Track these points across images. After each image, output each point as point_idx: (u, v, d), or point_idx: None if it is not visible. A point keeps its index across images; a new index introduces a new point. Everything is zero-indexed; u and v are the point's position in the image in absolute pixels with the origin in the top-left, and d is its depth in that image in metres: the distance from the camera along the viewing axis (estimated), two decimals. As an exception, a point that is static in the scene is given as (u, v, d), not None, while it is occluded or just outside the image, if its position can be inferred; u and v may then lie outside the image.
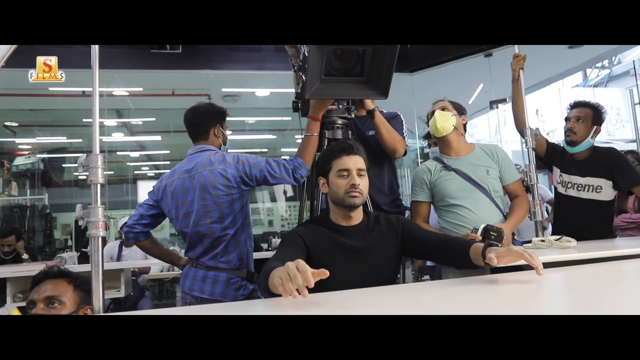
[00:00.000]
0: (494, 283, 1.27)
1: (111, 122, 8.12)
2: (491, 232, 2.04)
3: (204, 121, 2.21)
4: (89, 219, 1.36)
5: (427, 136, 3.36)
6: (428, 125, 2.42)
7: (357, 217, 1.69)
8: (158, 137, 9.25)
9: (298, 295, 1.06)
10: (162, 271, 5.17)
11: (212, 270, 2.05)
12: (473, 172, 2.29)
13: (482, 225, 2.05)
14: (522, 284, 1.26)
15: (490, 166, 2.30)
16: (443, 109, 2.35)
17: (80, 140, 8.92)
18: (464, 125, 2.42)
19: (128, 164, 9.42)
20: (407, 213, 2.48)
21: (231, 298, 2.02)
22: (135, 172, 9.76)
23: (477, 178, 2.28)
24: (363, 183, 1.64)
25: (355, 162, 1.64)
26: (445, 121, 2.32)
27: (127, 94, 7.02)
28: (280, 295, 1.14)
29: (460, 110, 2.39)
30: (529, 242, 2.14)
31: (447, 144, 2.37)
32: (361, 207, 1.69)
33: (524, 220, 2.29)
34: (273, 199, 9.72)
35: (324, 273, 1.09)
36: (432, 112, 2.37)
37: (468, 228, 2.18)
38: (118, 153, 9.29)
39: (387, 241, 1.67)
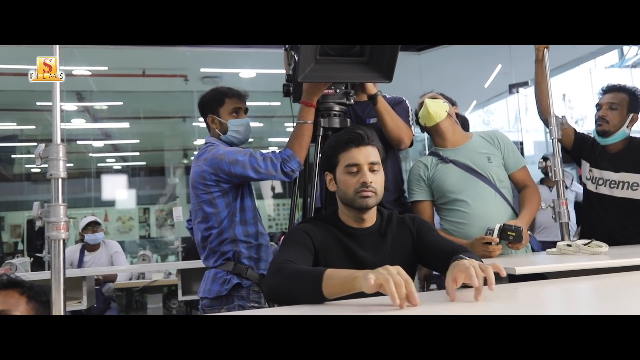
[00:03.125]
0: (512, 293, 1.29)
1: (70, 106, 8.09)
2: (509, 233, 2.08)
3: (201, 113, 2.33)
4: (48, 219, 1.36)
5: None
6: (417, 123, 2.45)
7: (370, 218, 1.66)
8: (126, 124, 9.23)
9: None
10: (130, 279, 5.17)
11: (207, 269, 2.24)
12: (473, 161, 2.34)
13: (498, 225, 2.09)
14: (546, 295, 1.28)
15: (491, 153, 2.34)
16: (434, 97, 2.42)
17: (34, 127, 8.88)
18: (457, 115, 2.50)
19: (90, 155, 9.38)
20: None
21: (215, 294, 2.13)
22: (99, 164, 9.73)
23: (477, 167, 2.32)
24: (377, 179, 1.60)
25: (367, 154, 1.60)
26: (437, 106, 2.37)
27: (90, 73, 6.99)
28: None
29: (451, 101, 2.47)
30: (554, 244, 2.16)
31: (440, 134, 2.42)
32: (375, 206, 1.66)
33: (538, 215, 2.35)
34: (259, 196, 9.75)
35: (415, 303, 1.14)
36: (421, 104, 2.42)
37: (473, 226, 2.23)
38: (79, 142, 9.26)
39: (401, 247, 1.66)
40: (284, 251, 1.51)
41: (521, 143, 8.51)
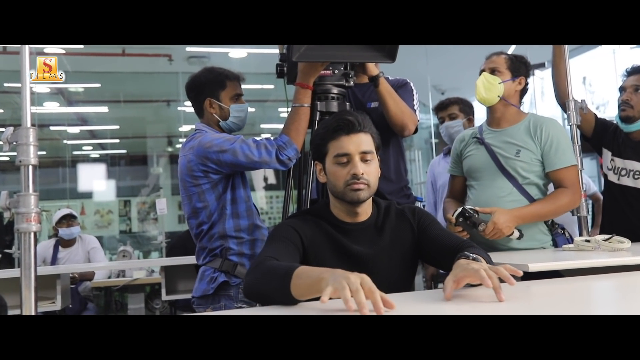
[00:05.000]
0: (524, 292, 1.29)
1: (42, 88, 8.04)
2: (466, 215, 2.13)
3: (193, 95, 2.29)
4: (17, 210, 1.36)
5: (439, 108, 3.33)
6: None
7: (365, 211, 1.66)
8: (104, 109, 9.20)
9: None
10: (109, 277, 5.17)
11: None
12: (502, 150, 2.34)
13: (459, 209, 2.15)
14: (561, 294, 1.28)
15: (525, 146, 2.32)
16: (493, 71, 2.37)
17: (1, 110, 8.83)
18: (523, 90, 2.44)
19: (65, 142, 9.36)
20: (419, 204, 2.50)
21: (201, 292, 2.15)
22: (75, 152, 9.71)
23: (502, 158, 2.33)
24: (369, 170, 1.59)
25: (358, 143, 1.58)
26: (488, 91, 2.35)
27: (64, 52, 6.95)
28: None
29: (517, 71, 2.40)
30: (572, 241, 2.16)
31: (491, 112, 2.45)
32: (370, 198, 1.66)
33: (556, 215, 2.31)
34: (251, 188, 9.71)
35: (391, 306, 1.11)
36: (481, 72, 2.41)
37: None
38: (52, 128, 9.23)
39: (400, 241, 1.66)
40: (267, 247, 1.52)
41: (537, 130, 8.48)
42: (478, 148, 2.42)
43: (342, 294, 1.09)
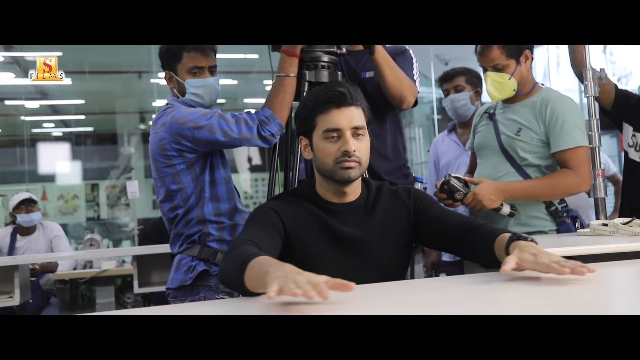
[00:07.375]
0: (537, 281, 1.30)
1: (-4, 56, 7.97)
2: (450, 184, 2.20)
3: (162, 67, 2.30)
4: (-32, 192, 1.36)
5: (443, 79, 3.30)
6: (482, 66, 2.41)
7: (354, 191, 1.68)
8: (67, 81, 9.10)
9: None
10: (75, 269, 5.17)
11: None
12: (505, 127, 2.40)
13: (445, 177, 2.24)
14: (576, 282, 1.29)
15: (527, 125, 2.34)
16: (498, 67, 2.33)
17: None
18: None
19: (23, 118, 9.29)
20: (419, 185, 2.52)
21: (178, 283, 2.17)
22: (34, 130, 9.63)
23: (503, 136, 2.38)
24: (361, 147, 1.60)
25: (350, 117, 1.59)
26: (502, 90, 2.36)
27: (21, 16, 6.87)
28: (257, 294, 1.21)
29: (517, 51, 2.33)
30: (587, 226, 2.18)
31: None
32: (360, 178, 1.68)
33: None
34: (233, 169, 9.69)
35: (347, 287, 1.10)
36: (483, 69, 2.39)
37: None
38: (7, 102, 9.15)
39: (393, 223, 1.68)
40: (246, 230, 1.54)
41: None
42: (488, 124, 2.49)
43: (286, 288, 1.07)
